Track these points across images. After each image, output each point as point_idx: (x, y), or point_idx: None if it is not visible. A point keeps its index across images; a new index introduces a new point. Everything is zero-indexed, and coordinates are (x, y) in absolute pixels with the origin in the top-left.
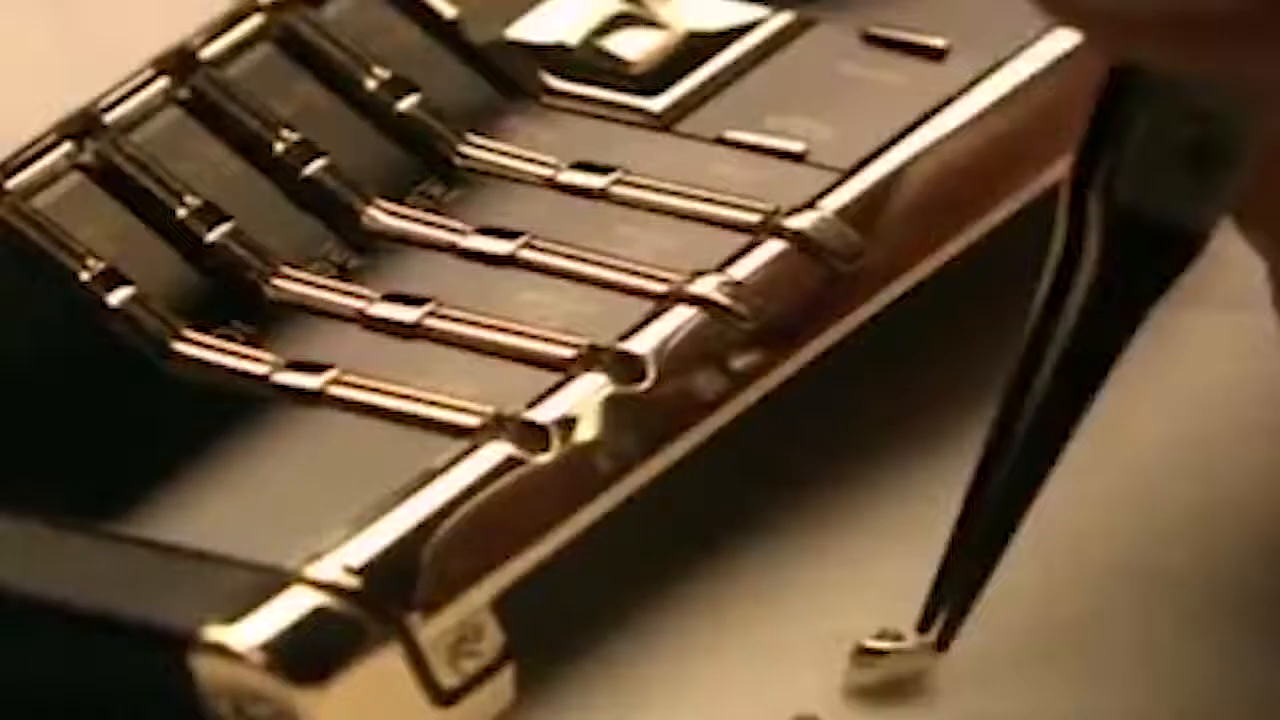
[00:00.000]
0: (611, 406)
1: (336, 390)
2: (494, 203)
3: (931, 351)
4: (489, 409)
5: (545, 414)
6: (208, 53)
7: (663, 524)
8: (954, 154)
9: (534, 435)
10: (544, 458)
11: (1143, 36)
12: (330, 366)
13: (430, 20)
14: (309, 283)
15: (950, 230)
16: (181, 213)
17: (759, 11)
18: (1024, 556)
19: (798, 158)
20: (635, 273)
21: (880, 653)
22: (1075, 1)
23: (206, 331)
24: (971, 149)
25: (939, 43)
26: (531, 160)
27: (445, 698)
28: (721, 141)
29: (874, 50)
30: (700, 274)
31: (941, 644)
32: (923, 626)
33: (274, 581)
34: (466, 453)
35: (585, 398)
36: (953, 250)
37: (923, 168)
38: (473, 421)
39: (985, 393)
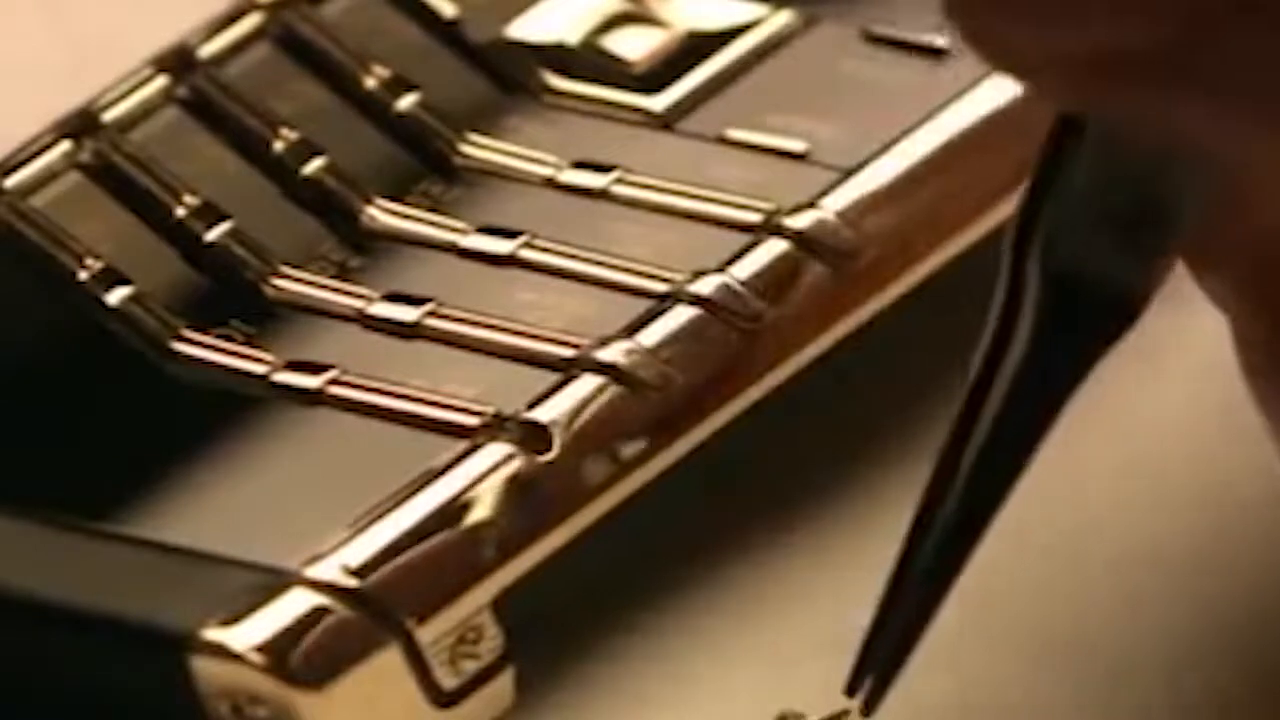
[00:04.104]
0: (611, 406)
1: (336, 390)
2: (494, 202)
3: (933, 352)
4: (489, 409)
5: (545, 414)
6: (206, 51)
7: (662, 524)
8: (955, 154)
9: (534, 435)
10: (544, 458)
11: (1067, 77)
12: (330, 366)
13: (430, 19)
14: (308, 282)
15: (951, 230)
16: (180, 212)
17: (760, 10)
18: (1016, 559)
19: (799, 157)
20: (636, 272)
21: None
22: (1001, 43)
23: (205, 331)
24: (973, 149)
25: (940, 42)
26: (532, 159)
27: (445, 699)
28: (722, 141)
29: (875, 49)
30: (701, 274)
31: (868, 709)
32: (851, 689)
33: (273, 582)
34: (467, 453)
35: (586, 397)
36: (954, 250)
37: (924, 167)
38: (473, 421)
39: None
